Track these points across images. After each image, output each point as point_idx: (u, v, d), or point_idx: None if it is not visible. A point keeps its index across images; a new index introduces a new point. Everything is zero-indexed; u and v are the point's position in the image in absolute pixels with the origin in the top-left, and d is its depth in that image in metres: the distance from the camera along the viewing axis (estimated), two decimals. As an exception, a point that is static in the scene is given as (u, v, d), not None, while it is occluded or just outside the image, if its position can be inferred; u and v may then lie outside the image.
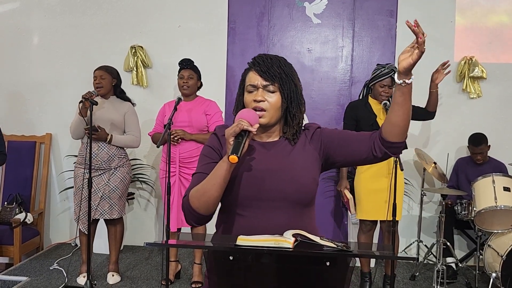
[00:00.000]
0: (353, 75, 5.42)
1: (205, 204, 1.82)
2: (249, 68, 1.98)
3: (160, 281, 4.56)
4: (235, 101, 2.02)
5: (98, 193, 4.36)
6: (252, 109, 1.88)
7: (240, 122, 1.77)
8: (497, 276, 4.20)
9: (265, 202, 1.87)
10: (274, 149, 1.94)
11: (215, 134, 2.01)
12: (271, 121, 1.92)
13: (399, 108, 1.84)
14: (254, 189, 1.87)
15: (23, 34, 5.72)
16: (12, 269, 4.80)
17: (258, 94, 1.90)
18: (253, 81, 1.92)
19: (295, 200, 1.88)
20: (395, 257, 3.51)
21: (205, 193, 1.82)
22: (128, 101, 4.57)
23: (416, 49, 1.81)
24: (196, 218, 1.86)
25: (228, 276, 1.73)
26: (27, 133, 5.65)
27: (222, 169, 1.79)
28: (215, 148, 1.97)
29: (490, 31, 5.34)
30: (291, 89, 1.94)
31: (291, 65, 1.99)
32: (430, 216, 5.46)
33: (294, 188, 1.87)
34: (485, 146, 4.96)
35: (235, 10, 5.49)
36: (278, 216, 1.86)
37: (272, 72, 1.91)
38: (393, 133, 1.86)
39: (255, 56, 1.99)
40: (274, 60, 1.94)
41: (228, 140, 1.77)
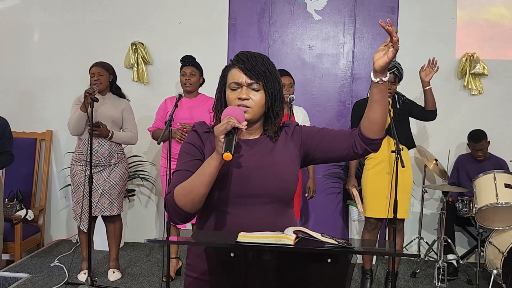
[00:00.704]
0: (354, 72, 5.41)
1: (191, 201, 1.81)
2: (231, 65, 1.96)
3: (161, 277, 4.56)
4: (215, 98, 2.01)
5: (98, 189, 4.36)
6: (238, 107, 1.87)
7: (229, 120, 1.76)
8: (498, 273, 4.20)
9: (249, 199, 1.86)
10: (257, 147, 1.94)
11: (195, 131, 2.00)
12: (254, 118, 1.92)
13: (377, 105, 1.85)
14: (238, 186, 1.86)
15: (24, 31, 5.71)
16: (13, 266, 4.81)
17: (243, 92, 1.89)
18: (237, 78, 1.91)
19: (279, 196, 1.89)
20: (396, 254, 3.50)
21: (192, 191, 1.80)
22: (124, 97, 4.57)
23: (391, 47, 1.80)
24: (181, 216, 1.84)
25: (229, 273, 1.73)
26: (28, 130, 5.65)
27: (211, 167, 1.78)
28: (196, 145, 1.95)
29: (491, 28, 5.32)
30: (275, 87, 1.93)
31: (273, 63, 1.99)
32: (431, 213, 5.46)
33: (278, 184, 1.87)
34: (485, 142, 4.96)
35: (236, 6, 5.48)
36: (261, 213, 1.87)
37: (257, 70, 1.90)
38: (372, 130, 1.88)
39: (237, 53, 1.98)
40: (258, 58, 1.93)
41: (218, 137, 1.75)
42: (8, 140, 4.30)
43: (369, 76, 1.88)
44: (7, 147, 4.27)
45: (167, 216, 3.81)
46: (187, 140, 1.99)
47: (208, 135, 1.98)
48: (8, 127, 4.31)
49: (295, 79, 4.96)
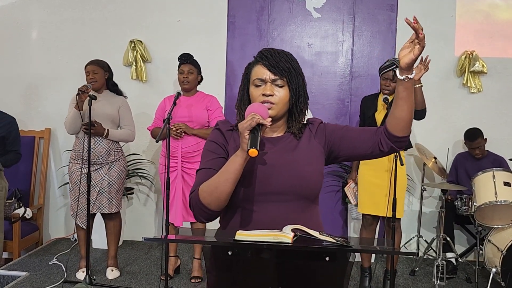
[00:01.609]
0: (353, 70, 5.40)
1: (216, 199, 1.81)
2: (255, 61, 1.96)
3: (159, 276, 4.56)
4: (238, 95, 2.00)
5: (96, 187, 4.35)
6: (261, 103, 1.87)
7: (254, 116, 1.75)
8: (497, 271, 4.19)
9: (272, 196, 1.86)
10: (280, 144, 1.94)
11: (218, 129, 2.00)
12: (278, 114, 1.91)
13: (403, 103, 1.84)
14: (261, 184, 1.86)
15: (22, 29, 5.70)
16: (11, 264, 4.80)
17: (267, 88, 1.88)
18: (261, 75, 1.90)
19: (302, 194, 1.88)
20: (395, 252, 3.50)
21: (217, 188, 1.80)
22: (121, 94, 4.56)
23: (417, 45, 1.79)
24: (206, 214, 1.84)
25: (227, 271, 1.72)
26: (26, 128, 5.64)
27: (236, 164, 1.78)
28: (219, 143, 1.96)
29: (490, 26, 5.31)
30: (299, 83, 1.93)
31: (296, 60, 1.98)
32: (430, 211, 5.46)
33: (301, 182, 1.86)
34: (481, 140, 4.96)
35: (235, 4, 5.47)
36: (285, 210, 1.86)
37: (281, 66, 1.89)
38: (398, 127, 1.86)
39: (260, 50, 1.97)
40: (281, 54, 1.93)
41: (243, 134, 1.75)
42: (16, 138, 4.27)
43: (368, 74, 1.87)
44: (15, 145, 4.24)
45: (164, 212, 3.81)
46: (211, 138, 1.99)
47: (232, 133, 1.98)
48: (16, 125, 4.29)
49: (294, 77, 4.96)
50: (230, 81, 5.50)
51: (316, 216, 1.97)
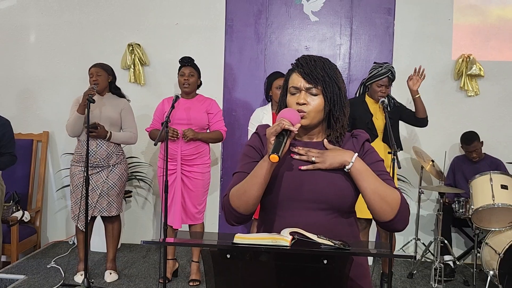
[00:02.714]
0: (351, 73, 5.42)
1: (245, 203, 1.81)
2: (292, 69, 1.94)
3: (157, 279, 4.55)
4: (278, 103, 1.99)
5: (97, 190, 4.35)
6: (293, 109, 1.86)
7: (281, 121, 1.75)
8: (494, 274, 4.21)
9: (304, 204, 1.84)
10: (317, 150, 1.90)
11: (257, 133, 2.00)
12: (312, 122, 1.89)
13: (360, 190, 1.82)
14: (293, 190, 1.84)
15: (20, 32, 5.70)
16: (9, 268, 4.79)
17: (301, 97, 1.86)
18: (296, 83, 1.89)
19: (334, 203, 1.84)
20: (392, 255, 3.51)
21: (245, 192, 1.80)
22: (123, 97, 4.57)
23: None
24: (235, 217, 1.85)
25: (225, 274, 1.73)
26: (24, 131, 5.64)
27: (263, 169, 1.77)
28: (256, 148, 1.96)
29: (488, 29, 5.34)
30: (335, 92, 1.89)
31: (335, 66, 1.95)
32: (427, 214, 5.47)
33: (333, 191, 1.83)
34: (477, 143, 4.97)
35: (233, 7, 5.49)
36: (317, 219, 1.83)
37: (315, 75, 1.87)
38: (371, 212, 1.84)
39: (298, 57, 1.96)
40: (317, 62, 1.90)
41: (269, 139, 1.75)
42: (10, 141, 4.27)
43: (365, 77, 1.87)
44: (10, 148, 4.24)
45: (162, 215, 3.81)
46: (248, 142, 1.99)
47: None
48: (9, 127, 4.30)
49: (292, 80, 4.96)
50: (228, 84, 5.51)
51: (351, 226, 1.92)
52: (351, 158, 1.81)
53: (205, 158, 4.42)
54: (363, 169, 1.81)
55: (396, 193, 1.82)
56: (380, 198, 1.79)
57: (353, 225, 1.93)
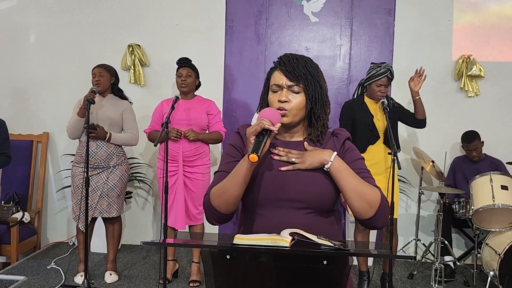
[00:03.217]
0: (351, 74, 5.42)
1: (225, 202, 1.82)
2: (274, 67, 1.96)
3: (157, 280, 4.55)
4: (260, 100, 2.00)
5: (97, 191, 4.35)
6: (274, 108, 1.86)
7: (261, 121, 1.76)
8: (495, 274, 4.21)
9: (284, 203, 1.84)
10: (298, 150, 1.91)
11: (238, 133, 2.01)
12: (294, 121, 1.90)
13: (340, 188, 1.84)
14: (273, 189, 1.85)
15: (20, 32, 5.70)
16: (9, 268, 4.79)
17: (283, 95, 1.88)
18: (277, 80, 1.90)
19: (314, 202, 1.84)
20: (393, 255, 3.50)
21: (226, 192, 1.81)
22: (125, 99, 4.57)
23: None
24: (216, 216, 1.85)
25: (225, 275, 1.73)
26: (24, 132, 5.64)
27: (243, 168, 1.78)
28: (237, 147, 1.96)
29: (488, 30, 5.34)
30: (316, 90, 1.91)
31: (317, 65, 1.97)
32: (428, 215, 5.47)
33: (313, 190, 1.84)
34: (478, 142, 4.97)
35: (233, 8, 5.49)
36: (297, 218, 1.83)
37: (298, 73, 1.89)
38: (351, 210, 1.86)
39: (281, 55, 1.97)
40: (300, 60, 1.92)
41: (249, 138, 1.76)
42: (5, 141, 4.28)
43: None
44: (4, 148, 4.26)
45: (163, 216, 3.81)
46: (230, 142, 2.00)
47: None
48: (5, 128, 4.30)
49: (292, 81, 4.96)
50: (228, 85, 5.51)
51: (332, 225, 1.92)
52: (330, 157, 1.82)
53: (205, 159, 4.43)
54: (342, 167, 1.82)
55: (376, 192, 1.83)
56: (360, 196, 1.80)
57: (333, 223, 1.94)
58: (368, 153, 4.25)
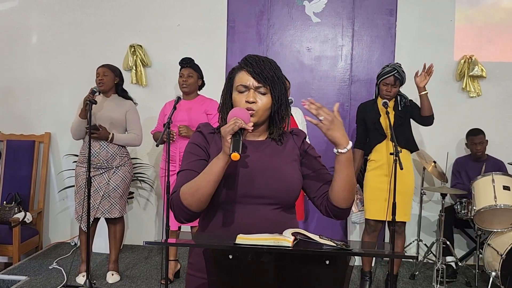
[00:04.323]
0: (352, 74, 5.42)
1: (197, 201, 1.83)
2: (239, 67, 1.98)
3: (159, 280, 4.56)
4: (221, 98, 2.04)
5: (99, 192, 4.35)
6: (243, 108, 1.90)
7: (237, 121, 1.78)
8: (496, 275, 4.20)
9: (253, 199, 1.88)
10: (263, 148, 1.97)
11: (200, 132, 2.02)
12: (259, 121, 1.95)
13: (336, 175, 1.88)
14: (243, 186, 1.88)
15: (22, 33, 5.71)
16: (11, 269, 4.80)
17: (250, 95, 1.91)
18: (244, 81, 1.93)
19: (282, 198, 1.91)
20: (394, 255, 3.50)
21: (198, 190, 1.82)
22: (130, 99, 4.57)
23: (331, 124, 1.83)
24: (187, 215, 1.87)
25: (227, 275, 1.73)
26: (26, 132, 5.64)
27: (217, 167, 1.80)
28: (201, 146, 1.98)
29: (489, 30, 5.33)
30: (282, 92, 1.96)
31: (280, 68, 2.02)
32: (429, 215, 5.46)
33: (282, 186, 1.90)
34: (483, 137, 4.99)
35: (235, 9, 5.49)
36: (265, 213, 1.89)
37: (265, 74, 1.92)
38: (335, 198, 1.90)
39: (245, 56, 2.00)
40: (266, 63, 1.96)
41: (225, 138, 1.77)
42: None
43: (367, 79, 1.90)
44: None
45: (164, 216, 3.81)
46: (192, 140, 2.01)
47: (213, 136, 2.01)
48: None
49: (294, 81, 4.97)
50: (230, 85, 5.50)
51: (294, 220, 1.99)
52: (348, 144, 1.84)
53: (205, 160, 4.42)
54: (351, 158, 1.87)
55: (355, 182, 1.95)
56: (350, 186, 1.88)
57: (294, 219, 2.01)
58: (375, 153, 4.28)
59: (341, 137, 1.83)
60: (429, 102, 4.26)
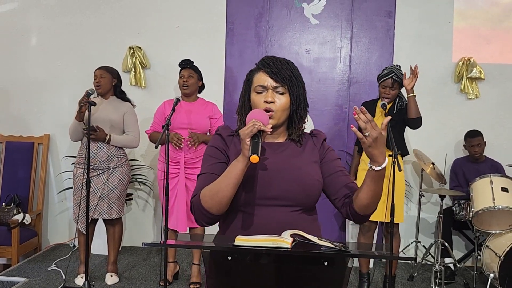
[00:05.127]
0: (351, 76, 5.43)
1: (217, 204, 1.84)
2: (257, 68, 1.99)
3: (158, 281, 4.56)
4: (240, 101, 2.03)
5: (97, 193, 4.36)
6: (262, 110, 1.90)
7: (255, 123, 1.79)
8: (495, 276, 4.21)
9: (272, 201, 1.88)
10: (282, 150, 1.97)
11: (219, 135, 2.03)
12: (279, 122, 1.95)
13: (365, 186, 1.87)
14: (262, 188, 1.88)
15: (21, 35, 5.71)
16: (10, 270, 4.80)
17: (268, 95, 1.92)
18: (262, 82, 1.94)
19: (301, 200, 1.90)
20: (392, 257, 3.51)
21: (218, 193, 1.83)
22: (128, 101, 4.57)
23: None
24: (207, 218, 1.87)
25: (226, 276, 1.73)
26: (25, 134, 5.64)
27: (237, 169, 1.80)
28: (220, 149, 1.99)
29: (488, 32, 5.35)
30: (299, 91, 1.97)
31: (297, 68, 2.02)
32: (428, 217, 5.47)
33: (300, 188, 1.89)
34: (481, 138, 5.00)
35: (234, 10, 5.50)
36: (284, 215, 1.88)
37: (283, 74, 1.93)
38: (359, 207, 1.89)
39: (262, 57, 2.00)
40: (283, 62, 1.97)
41: (244, 140, 1.78)
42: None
43: (366, 80, 1.91)
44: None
45: (163, 219, 3.81)
46: (211, 143, 2.02)
47: (232, 138, 2.01)
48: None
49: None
50: (229, 87, 5.52)
51: (315, 222, 1.99)
52: (385, 161, 1.83)
53: (207, 161, 4.42)
54: (383, 175, 1.86)
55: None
56: (376, 199, 1.89)
57: (316, 221, 2.01)
58: None
59: (379, 155, 1.81)
60: (416, 104, 4.25)
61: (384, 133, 1.80)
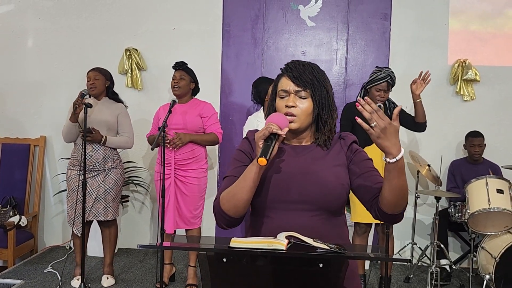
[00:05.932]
0: (347, 78, 5.44)
1: (234, 206, 1.84)
2: (281, 73, 1.99)
3: (154, 284, 4.55)
4: (268, 107, 2.04)
5: (92, 194, 4.35)
6: (281, 113, 1.90)
7: (269, 126, 1.79)
8: (490, 278, 4.22)
9: (291, 205, 1.88)
10: (305, 153, 1.96)
11: (246, 139, 2.04)
12: (302, 126, 1.94)
13: (386, 182, 1.80)
14: (281, 192, 1.88)
15: (18, 36, 5.71)
16: (6, 272, 4.79)
17: (290, 100, 1.91)
18: (285, 86, 1.94)
19: (321, 203, 1.88)
20: (388, 258, 3.51)
21: (235, 196, 1.83)
22: (120, 102, 4.58)
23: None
24: (226, 220, 1.88)
25: (222, 278, 1.74)
26: (22, 136, 5.64)
27: (252, 172, 1.81)
28: (246, 152, 2.00)
29: (483, 34, 5.37)
30: (323, 95, 1.94)
31: (323, 72, 2.00)
32: (424, 219, 5.48)
33: (320, 191, 1.87)
34: (482, 139, 5.03)
35: (230, 12, 5.51)
36: (304, 219, 1.87)
37: (304, 78, 1.92)
38: (385, 205, 1.83)
39: (288, 62, 2.00)
40: (306, 67, 1.96)
41: (257, 143, 1.79)
42: None
43: (362, 82, 1.91)
44: None
45: (160, 220, 3.81)
46: (238, 147, 2.04)
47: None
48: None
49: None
50: (225, 89, 5.52)
51: (340, 227, 1.96)
52: (399, 153, 1.75)
53: (201, 163, 4.42)
54: (403, 166, 1.78)
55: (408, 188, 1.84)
56: (401, 194, 1.80)
57: (342, 226, 1.98)
58: None
59: (392, 147, 1.74)
60: (423, 109, 4.32)
61: (396, 123, 1.75)
